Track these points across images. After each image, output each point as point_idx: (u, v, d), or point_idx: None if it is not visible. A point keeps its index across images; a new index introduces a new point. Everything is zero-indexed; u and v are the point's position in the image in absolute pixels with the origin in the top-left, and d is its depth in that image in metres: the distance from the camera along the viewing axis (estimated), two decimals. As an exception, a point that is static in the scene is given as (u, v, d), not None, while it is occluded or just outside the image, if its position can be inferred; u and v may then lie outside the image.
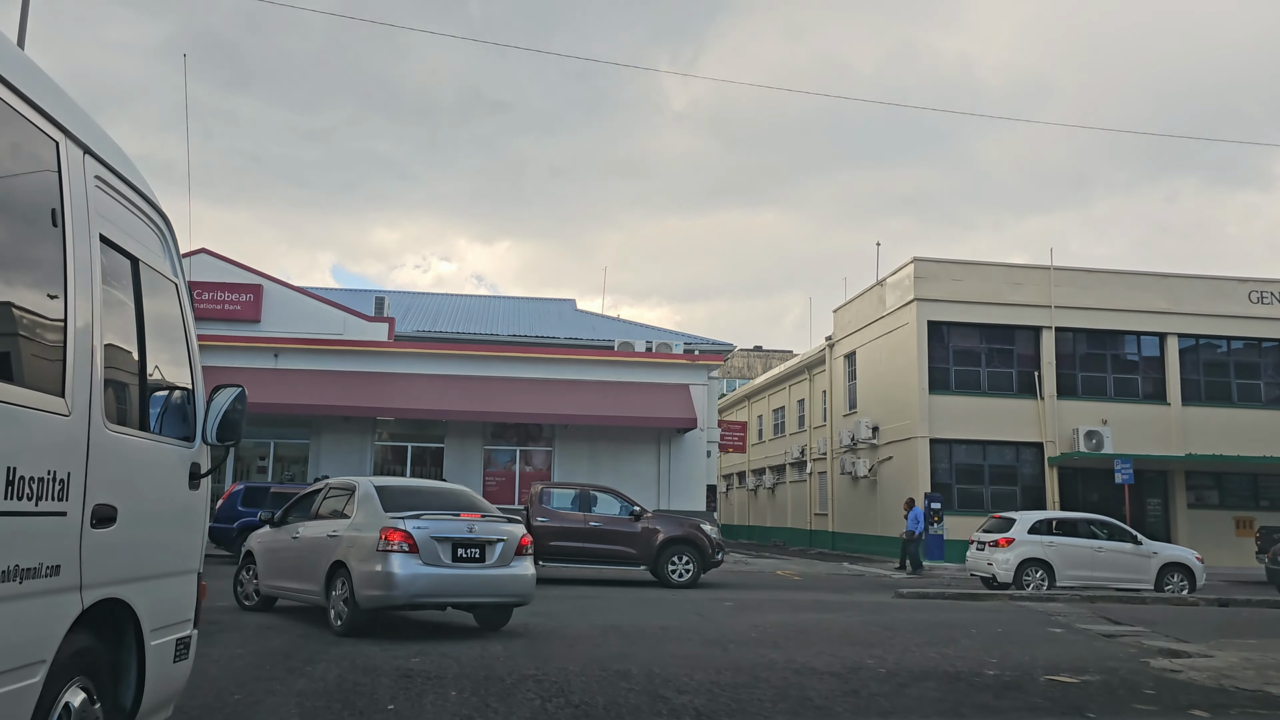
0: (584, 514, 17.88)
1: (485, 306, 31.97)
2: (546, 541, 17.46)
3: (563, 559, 17.68)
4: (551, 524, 17.64)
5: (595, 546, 17.64)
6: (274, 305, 25.94)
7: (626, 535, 17.72)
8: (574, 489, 18.42)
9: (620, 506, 18.14)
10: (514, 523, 10.17)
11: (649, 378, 26.76)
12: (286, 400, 24.13)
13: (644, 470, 26.37)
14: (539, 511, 17.77)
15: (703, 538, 17.93)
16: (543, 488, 18.19)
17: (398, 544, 9.16)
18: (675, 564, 17.69)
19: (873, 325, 31.58)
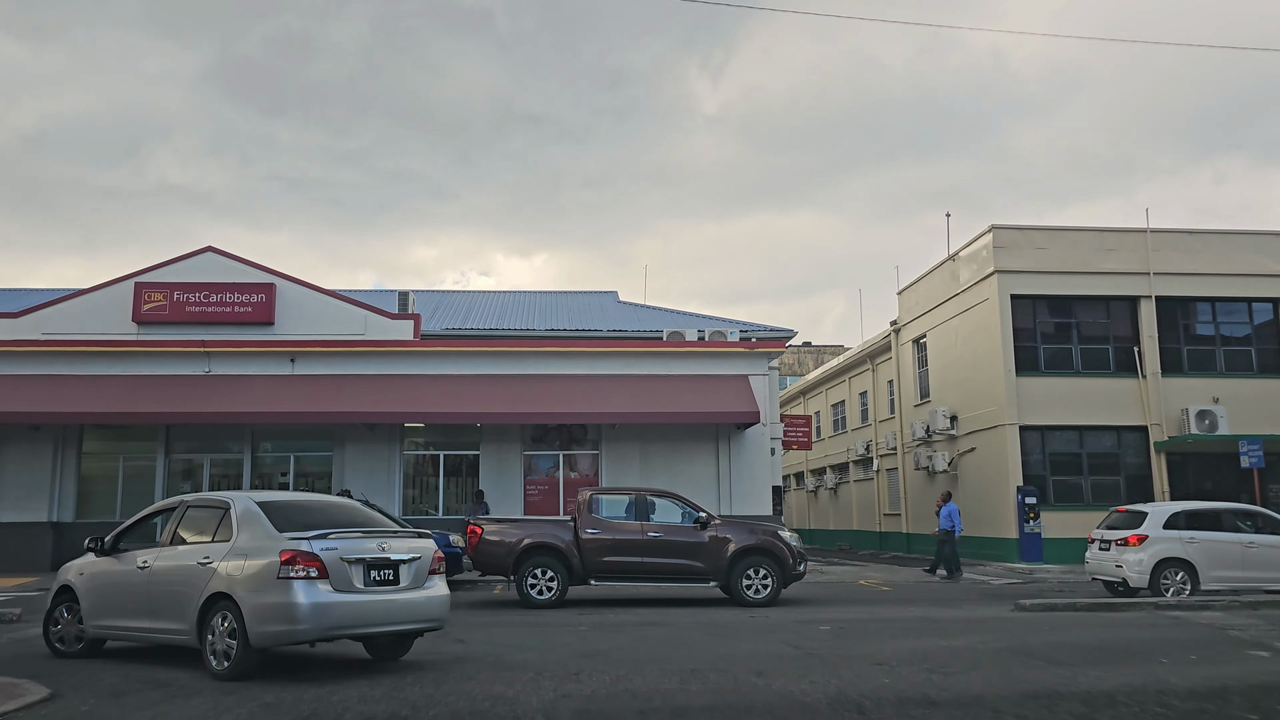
0: (641, 523, 15.30)
1: (519, 302, 29.55)
2: (598, 556, 14.98)
3: (617, 576, 15.13)
4: (603, 536, 15.11)
5: (655, 560, 15.07)
6: (288, 305, 23.67)
7: (692, 546, 15.11)
8: (628, 494, 15.84)
9: (683, 513, 15.53)
10: (423, 537, 9.00)
11: (703, 369, 24.10)
12: (305, 408, 21.81)
13: (702, 472, 23.70)
14: (588, 522, 15.26)
15: (781, 546, 15.26)
16: (591, 494, 15.65)
17: (303, 569, 7.91)
18: (751, 578, 15.05)
19: (945, 305, 28.67)
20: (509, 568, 15.13)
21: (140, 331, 23.39)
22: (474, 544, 15.29)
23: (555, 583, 14.92)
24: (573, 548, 15.11)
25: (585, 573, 15.11)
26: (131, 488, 23.44)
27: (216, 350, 23.14)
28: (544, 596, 14.85)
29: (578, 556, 15.08)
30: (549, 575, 14.94)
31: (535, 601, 14.80)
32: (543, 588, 14.91)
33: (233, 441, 23.72)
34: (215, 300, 23.50)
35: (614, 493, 16.01)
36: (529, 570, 14.95)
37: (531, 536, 15.17)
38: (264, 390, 22.51)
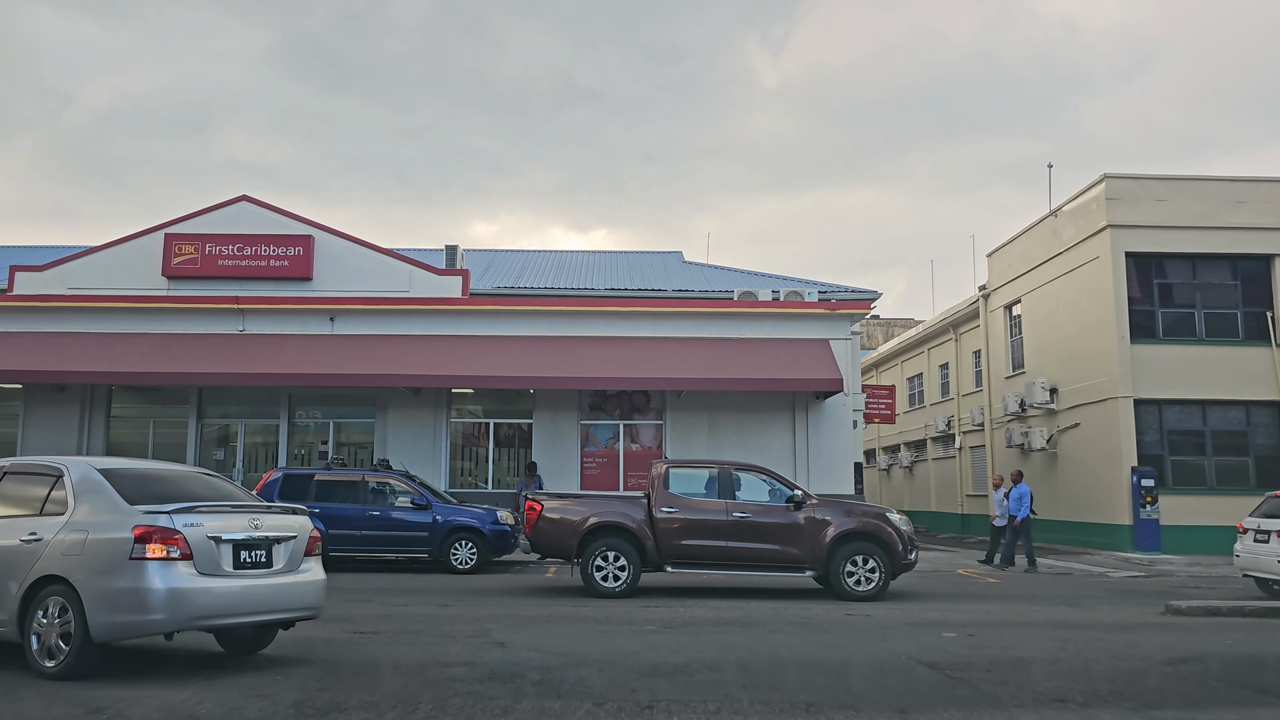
0: (725, 502, 13.19)
1: (577, 262, 27.46)
2: (676, 539, 12.96)
3: (698, 562, 13.08)
4: (682, 516, 13.07)
5: (742, 545, 12.98)
6: (327, 259, 21.84)
7: (784, 530, 12.97)
8: (709, 468, 13.70)
9: (772, 490, 13.40)
10: (298, 514, 7.85)
11: (779, 332, 21.79)
12: (345, 370, 19.97)
13: (776, 446, 21.45)
14: (664, 499, 13.21)
15: (890, 531, 13.04)
16: (667, 467, 13.57)
17: (161, 548, 6.73)
18: (854, 568, 12.86)
19: (1045, 266, 25.93)
20: (572, 550, 13.17)
21: (170, 286, 21.74)
22: (532, 521, 13.31)
23: (626, 569, 12.90)
24: (646, 529, 13.07)
25: (660, 558, 13.08)
26: (162, 454, 21.86)
27: (251, 307, 21.40)
28: (612, 585, 12.88)
29: (651, 539, 13.05)
30: (618, 560, 12.93)
31: (602, 590, 12.84)
32: (611, 574, 12.92)
33: (268, 405, 22.03)
34: (250, 253, 21.74)
35: (693, 466, 13.88)
36: (596, 554, 12.97)
37: (598, 515, 13.17)
38: (301, 350, 20.74)
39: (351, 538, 16.22)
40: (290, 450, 21.82)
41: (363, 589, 13.69)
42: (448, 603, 12.12)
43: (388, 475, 16.73)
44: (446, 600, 12.39)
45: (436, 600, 12.39)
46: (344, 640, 8.79)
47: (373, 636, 9.00)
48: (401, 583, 14.63)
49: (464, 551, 16.20)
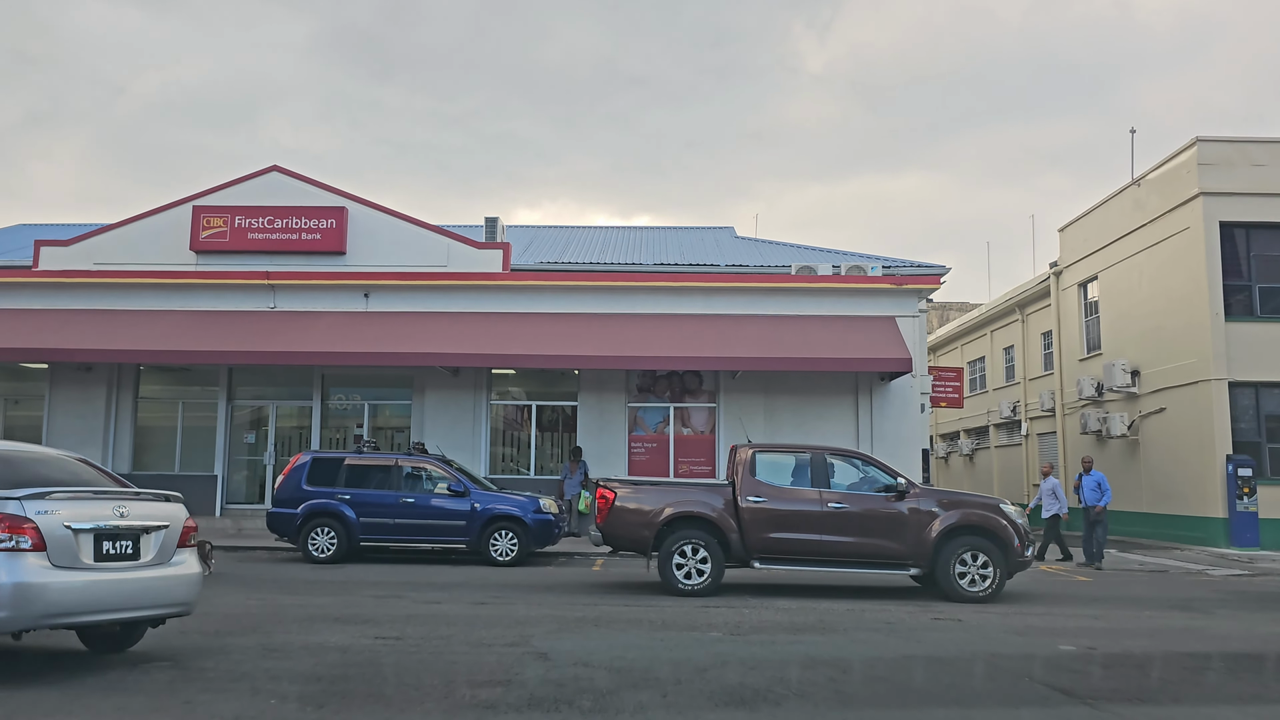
0: (819, 490, 11.86)
1: (623, 237, 26.11)
2: (764, 532, 11.70)
3: (788, 557, 11.82)
4: (771, 506, 11.80)
5: (838, 540, 11.66)
6: (361, 232, 20.71)
7: (885, 522, 11.66)
8: (801, 453, 12.33)
9: (870, 478, 12.09)
10: (171, 501, 7.05)
11: (841, 309, 20.31)
12: (381, 348, 18.84)
13: (837, 430, 20.00)
14: (751, 487, 11.93)
15: (1005, 525, 11.69)
16: (754, 452, 12.23)
17: (9, 537, 5.96)
18: (965, 566, 11.50)
19: (1126, 239, 24.13)
20: (647, 542, 11.90)
21: (199, 261, 20.76)
22: (604, 511, 12.02)
23: (708, 565, 11.62)
24: (730, 519, 11.78)
25: (746, 552, 11.78)
26: (192, 438, 20.96)
27: (282, 282, 20.36)
28: (692, 582, 11.64)
29: (737, 531, 11.76)
30: (699, 555, 11.66)
31: (681, 587, 11.63)
32: (693, 570, 11.67)
33: (301, 386, 21.00)
34: (281, 226, 20.67)
35: (783, 451, 12.43)
36: (675, 547, 11.70)
37: (677, 504, 11.89)
38: (335, 328, 19.65)
39: (384, 526, 15.09)
40: (324, 433, 20.78)
41: (393, 583, 12.52)
42: (484, 600, 10.90)
43: (423, 459, 15.57)
44: (483, 597, 11.18)
45: (473, 597, 11.18)
46: (362, 648, 7.58)
47: (395, 644, 7.78)
48: (436, 576, 13.46)
49: (504, 542, 15.00)
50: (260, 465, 20.87)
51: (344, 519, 15.06)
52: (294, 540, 15.18)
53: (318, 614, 9.44)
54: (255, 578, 12.92)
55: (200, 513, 20.26)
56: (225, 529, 19.58)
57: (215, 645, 7.59)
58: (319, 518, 15.09)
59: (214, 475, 20.55)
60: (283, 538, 15.32)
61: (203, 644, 7.65)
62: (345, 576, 13.27)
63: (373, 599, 10.83)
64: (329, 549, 15.00)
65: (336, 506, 15.09)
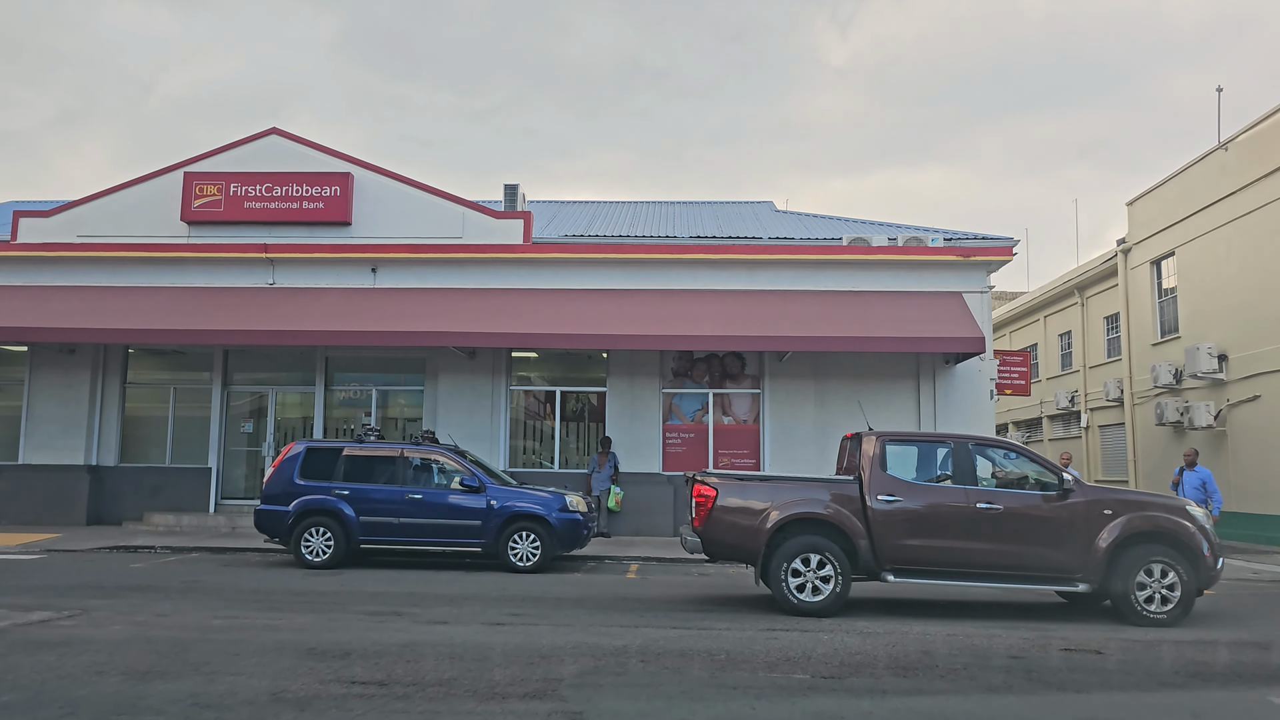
0: (964, 489, 9.81)
1: (655, 212, 24.08)
2: (899, 538, 9.69)
3: (928, 570, 9.74)
4: (907, 506, 9.76)
5: (990, 548, 9.63)
6: (368, 201, 18.80)
7: (1047, 526, 9.63)
8: (939, 443, 10.38)
9: (1022, 473, 10.08)
10: None
11: (899, 284, 18.22)
12: (389, 327, 16.92)
13: (897, 419, 17.91)
14: (881, 484, 9.88)
15: (1194, 532, 9.68)
16: (884, 442, 10.19)
17: None
18: (1148, 580, 9.45)
19: (1210, 210, 21.86)
20: (756, 551, 9.83)
21: (191, 233, 18.89)
22: (704, 513, 9.95)
23: (832, 578, 9.62)
24: (857, 523, 9.76)
25: (876, 562, 9.77)
26: (184, 427, 19.13)
27: (281, 256, 18.47)
28: (812, 598, 9.62)
29: (866, 538, 9.74)
30: (822, 567, 9.64)
31: (800, 605, 9.61)
32: (812, 583, 9.64)
33: (303, 371, 19.12)
34: (280, 194, 18.77)
35: (919, 440, 10.42)
36: (791, 557, 9.66)
37: (793, 505, 9.83)
38: (339, 306, 17.75)
39: (387, 526, 13.16)
40: (328, 422, 18.90)
41: (394, 594, 10.57)
42: (501, 619, 8.93)
43: (433, 450, 13.63)
44: (500, 615, 9.21)
45: (486, 615, 9.21)
46: (327, 701, 5.61)
47: (376, 692, 5.82)
48: (445, 585, 11.51)
49: (525, 545, 13.03)
50: (259, 457, 19.01)
51: (342, 518, 13.14)
52: (286, 542, 13.28)
53: (290, 642, 7.49)
54: (233, 587, 11.01)
55: (193, 508, 18.44)
56: (218, 527, 17.73)
57: (130, 694, 5.65)
58: (313, 516, 13.19)
59: (208, 468, 18.71)
60: (273, 539, 13.42)
61: (116, 690, 5.72)
62: (340, 585, 11.34)
63: (365, 619, 8.89)
64: (325, 552, 13.09)
65: (333, 504, 13.18)
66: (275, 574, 12.43)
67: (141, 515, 18.25)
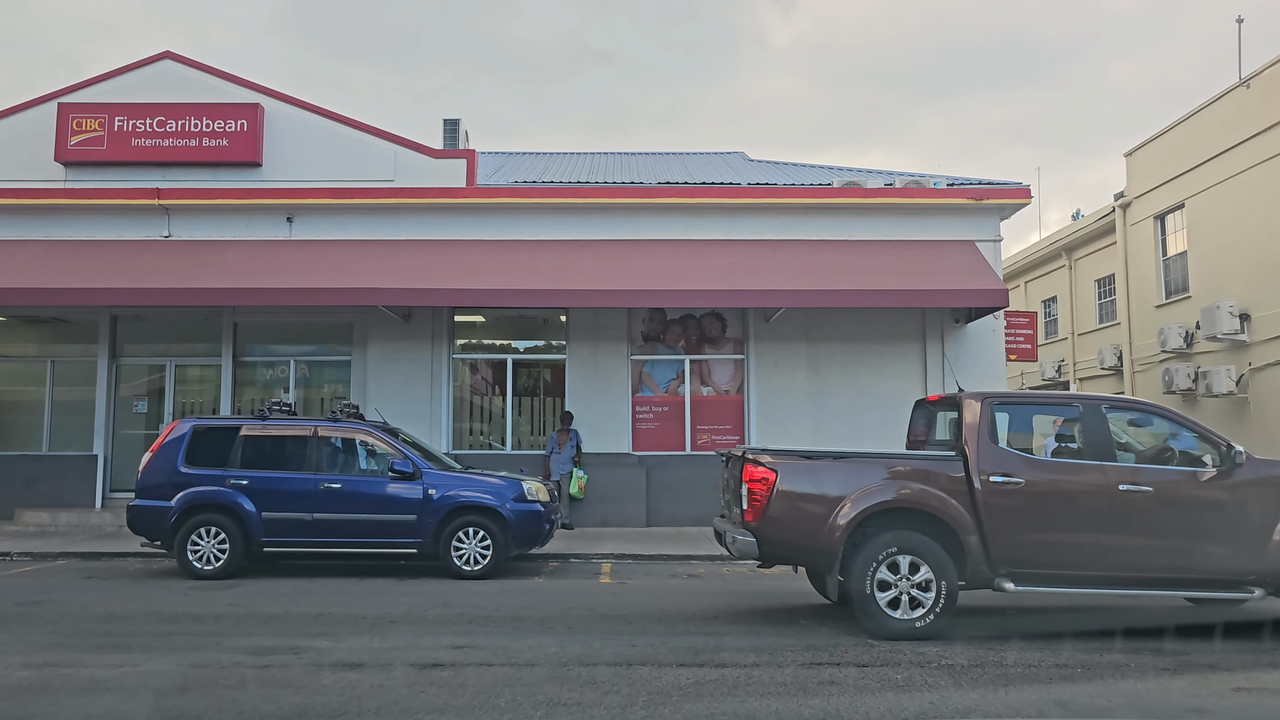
0: (1101, 465, 7.38)
1: (617, 163, 21.48)
2: (1018, 533, 7.22)
3: (1061, 574, 7.27)
4: (1031, 489, 7.28)
5: (1138, 544, 7.18)
6: (282, 138, 15.96)
7: (1211, 515, 7.23)
8: (1064, 405, 7.93)
9: (1173, 444, 7.64)
10: None
11: (901, 231, 15.87)
12: (308, 284, 14.15)
13: (900, 387, 15.61)
14: (993, 459, 7.40)
15: None
16: (993, 407, 7.67)
17: None
18: None
19: (1228, 155, 19.84)
20: (830, 554, 7.26)
21: (68, 177, 15.88)
22: (760, 504, 7.35)
23: (933, 586, 7.14)
24: (964, 513, 7.27)
25: (990, 564, 7.29)
26: (65, 409, 16.15)
27: (178, 203, 15.57)
28: (911, 617, 7.15)
29: (976, 532, 7.25)
30: (917, 571, 7.18)
31: (893, 626, 7.14)
32: (907, 595, 7.18)
33: (208, 341, 16.25)
34: (176, 130, 15.82)
35: (1037, 403, 7.88)
36: (878, 560, 7.17)
37: (876, 492, 7.30)
38: (248, 261, 14.92)
39: (298, 524, 10.46)
40: (236, 400, 16.07)
41: (298, 617, 7.94)
42: (439, 658, 6.37)
43: (356, 428, 10.95)
44: (438, 649, 6.65)
45: (419, 648, 6.64)
46: None
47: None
48: (369, 600, 8.90)
49: (472, 545, 10.45)
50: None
51: (239, 514, 10.43)
52: (168, 545, 10.53)
53: (108, 713, 4.86)
54: (83, 611, 8.28)
55: (75, 504, 15.52)
56: (102, 526, 14.86)
57: None
58: (202, 513, 10.45)
59: (93, 455, 15.78)
60: (153, 541, 10.66)
61: None
62: (230, 603, 8.66)
63: (247, 660, 6.27)
64: (217, 558, 10.38)
65: (228, 496, 10.45)
66: (150, 588, 9.70)
67: (12, 513, 15.31)
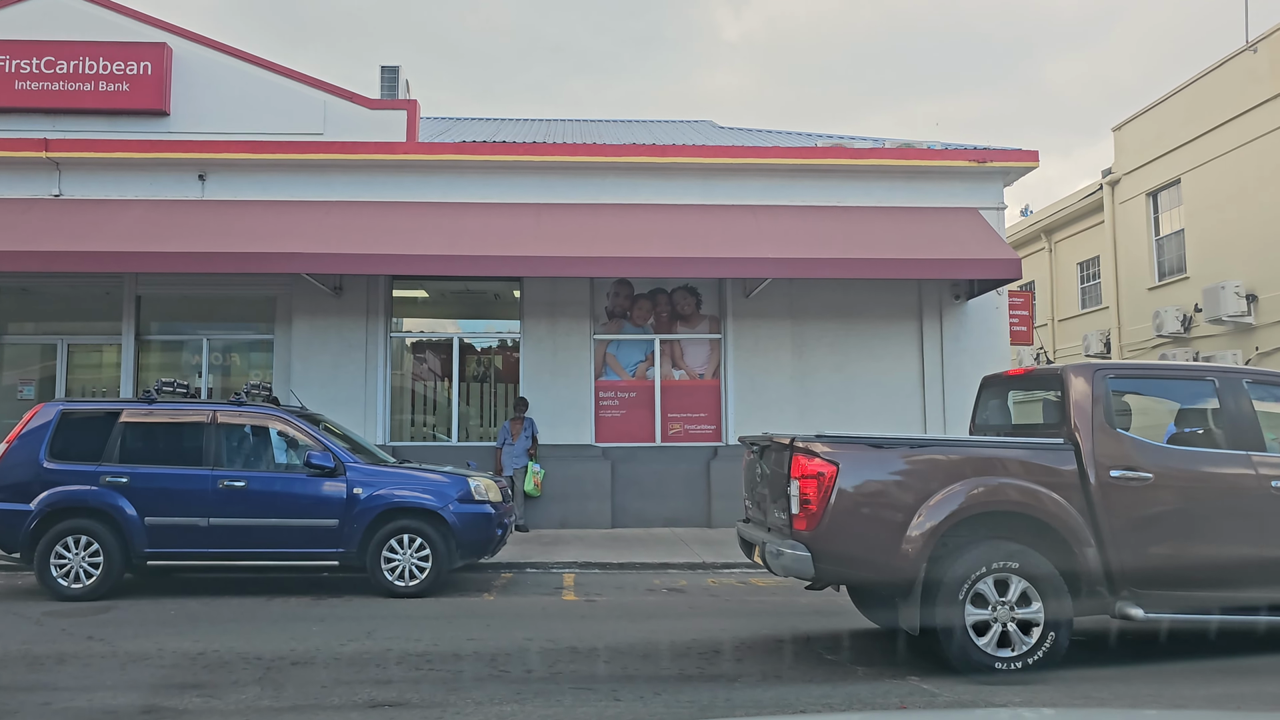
0: (1249, 454, 5.75)
1: (576, 131, 19.65)
2: (1148, 543, 5.49)
3: (1204, 597, 5.59)
4: (1162, 482, 5.61)
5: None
6: (193, 84, 13.90)
7: None
8: (1194, 379, 6.18)
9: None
10: None
11: (894, 197, 14.25)
12: (221, 249, 12.14)
13: (895, 370, 14.01)
14: (1112, 449, 5.67)
15: None
16: (1107, 380, 5.95)
17: None
18: None
19: (1231, 125, 18.54)
20: (912, 570, 5.48)
21: (-61, 125, 13.68)
22: (819, 507, 5.52)
23: (1040, 618, 5.44)
24: (1077, 519, 5.57)
25: (1111, 586, 5.59)
26: (-62, 392, 13.96)
27: (70, 156, 13.43)
28: (1014, 654, 5.47)
29: (1093, 543, 5.55)
30: (1025, 601, 5.48)
31: (987, 663, 5.42)
32: (1009, 629, 5.48)
33: (107, 318, 14.14)
34: (68, 71, 13.68)
35: (1161, 375, 6.17)
36: (968, 582, 5.46)
37: (964, 492, 5.56)
38: (153, 223, 12.85)
39: (191, 531, 8.51)
40: (140, 383, 13.98)
41: (172, 658, 6.03)
42: (347, 728, 4.53)
43: (266, 413, 9.02)
44: (346, 714, 4.80)
45: (322, 713, 4.80)
46: None
47: None
48: (271, 631, 7.01)
49: (407, 555, 8.58)
50: (46, 433, 13.93)
51: (116, 519, 8.45)
52: (27, 558, 8.52)
53: None
54: (-116, 651, 6.29)
55: (-53, 505, 13.29)
56: (-25, 530, 12.69)
57: None
58: (70, 518, 8.46)
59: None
60: (10, 553, 8.64)
61: None
62: (86, 638, 6.72)
63: None
64: (88, 574, 8.40)
65: (103, 498, 8.47)
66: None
67: None
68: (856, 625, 7.23)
